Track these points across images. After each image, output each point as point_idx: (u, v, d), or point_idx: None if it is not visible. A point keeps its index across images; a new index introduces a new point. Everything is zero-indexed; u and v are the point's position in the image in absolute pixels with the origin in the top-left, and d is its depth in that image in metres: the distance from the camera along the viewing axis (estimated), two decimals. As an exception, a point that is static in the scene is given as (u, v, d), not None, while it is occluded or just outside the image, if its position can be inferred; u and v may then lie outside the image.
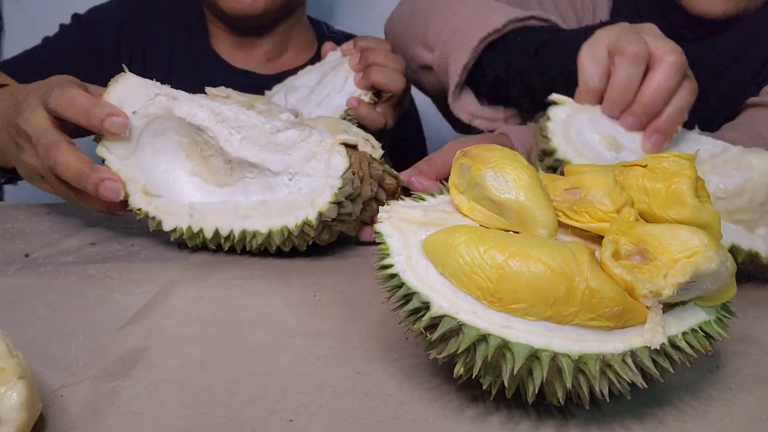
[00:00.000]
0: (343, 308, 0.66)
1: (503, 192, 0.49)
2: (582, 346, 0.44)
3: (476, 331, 0.44)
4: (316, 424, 0.49)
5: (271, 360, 0.57)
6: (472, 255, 0.46)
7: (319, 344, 0.60)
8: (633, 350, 0.45)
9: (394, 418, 0.50)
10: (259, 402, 0.52)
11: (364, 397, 0.52)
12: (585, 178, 0.51)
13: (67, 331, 0.62)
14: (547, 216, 0.49)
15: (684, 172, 0.51)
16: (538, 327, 0.45)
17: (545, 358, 0.44)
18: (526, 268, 0.45)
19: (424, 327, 0.47)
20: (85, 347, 0.59)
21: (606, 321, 0.45)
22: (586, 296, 0.44)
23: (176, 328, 0.62)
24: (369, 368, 0.56)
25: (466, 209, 0.52)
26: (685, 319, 0.48)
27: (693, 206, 0.50)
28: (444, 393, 0.52)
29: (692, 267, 0.45)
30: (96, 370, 0.55)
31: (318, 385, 0.54)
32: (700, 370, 0.55)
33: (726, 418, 0.50)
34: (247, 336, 0.61)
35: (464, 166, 0.52)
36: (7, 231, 0.88)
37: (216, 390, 0.53)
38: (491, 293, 0.45)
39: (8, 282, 0.72)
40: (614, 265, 0.46)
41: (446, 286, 0.47)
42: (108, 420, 0.49)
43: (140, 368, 0.56)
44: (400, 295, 0.47)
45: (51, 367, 0.56)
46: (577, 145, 0.74)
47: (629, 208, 0.50)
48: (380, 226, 0.51)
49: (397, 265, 0.48)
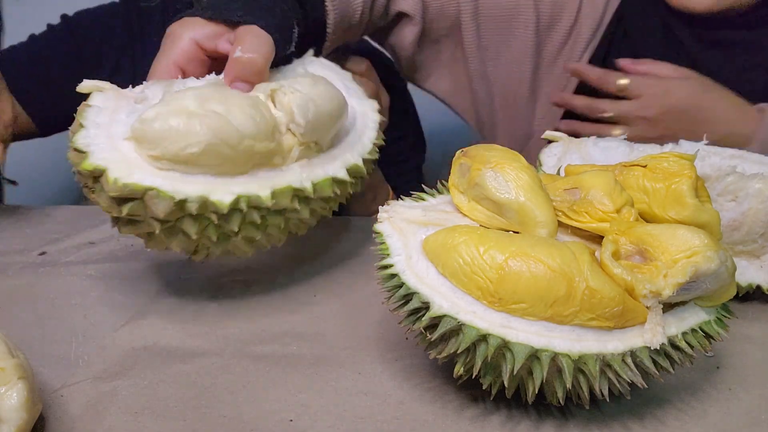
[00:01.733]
0: (343, 308, 0.66)
1: (503, 192, 0.49)
2: (582, 346, 0.44)
3: (476, 331, 0.44)
4: (316, 423, 0.49)
5: (271, 360, 0.57)
6: (472, 255, 0.46)
7: (319, 344, 0.60)
8: (633, 350, 0.45)
9: (394, 418, 0.50)
10: (260, 402, 0.52)
11: (364, 397, 0.52)
12: (585, 178, 0.51)
13: (67, 331, 0.62)
14: (547, 216, 0.49)
15: (684, 172, 0.51)
16: (538, 327, 0.45)
17: (545, 358, 0.44)
18: (526, 268, 0.45)
19: (424, 327, 0.47)
20: (85, 347, 0.59)
21: (606, 321, 0.45)
22: (586, 296, 0.44)
23: (176, 327, 0.62)
24: (369, 368, 0.56)
25: (466, 209, 0.52)
26: (685, 319, 0.48)
27: (693, 206, 0.50)
28: (444, 393, 0.52)
29: (692, 267, 0.45)
30: (96, 370, 0.55)
31: (318, 385, 0.54)
32: (700, 370, 0.55)
33: (726, 418, 0.50)
34: (247, 336, 0.61)
35: (464, 166, 0.52)
36: (7, 231, 0.88)
37: (216, 390, 0.53)
38: (491, 293, 0.45)
39: (8, 282, 0.72)
40: (614, 265, 0.46)
41: (446, 286, 0.47)
42: (108, 420, 0.49)
43: (140, 368, 0.56)
44: (400, 295, 0.47)
45: (51, 367, 0.56)
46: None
47: (629, 208, 0.50)
48: (380, 226, 0.51)
49: (397, 265, 0.48)
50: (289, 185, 0.61)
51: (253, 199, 0.58)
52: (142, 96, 0.63)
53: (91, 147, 0.58)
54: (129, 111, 0.62)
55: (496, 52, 1.08)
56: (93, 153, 0.57)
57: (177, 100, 0.58)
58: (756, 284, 0.65)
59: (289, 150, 0.63)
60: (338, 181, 0.65)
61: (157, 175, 0.57)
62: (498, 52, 1.08)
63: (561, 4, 1.06)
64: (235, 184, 0.58)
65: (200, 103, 0.58)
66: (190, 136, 0.56)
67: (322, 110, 0.63)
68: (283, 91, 0.63)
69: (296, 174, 0.62)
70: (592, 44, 1.07)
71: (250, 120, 0.59)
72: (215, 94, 0.60)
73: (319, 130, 0.64)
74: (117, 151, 0.58)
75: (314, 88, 0.64)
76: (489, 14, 1.06)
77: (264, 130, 0.59)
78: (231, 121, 0.57)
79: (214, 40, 0.71)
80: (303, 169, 0.63)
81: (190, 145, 0.56)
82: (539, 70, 1.09)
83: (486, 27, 1.06)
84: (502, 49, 1.08)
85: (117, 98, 0.63)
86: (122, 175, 0.56)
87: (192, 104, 0.57)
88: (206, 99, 0.58)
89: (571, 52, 1.07)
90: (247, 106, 0.59)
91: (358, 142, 0.70)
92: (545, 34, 1.07)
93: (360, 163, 0.67)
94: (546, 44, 1.07)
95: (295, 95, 0.62)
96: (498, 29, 1.06)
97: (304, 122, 0.61)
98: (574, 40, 1.07)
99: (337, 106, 0.66)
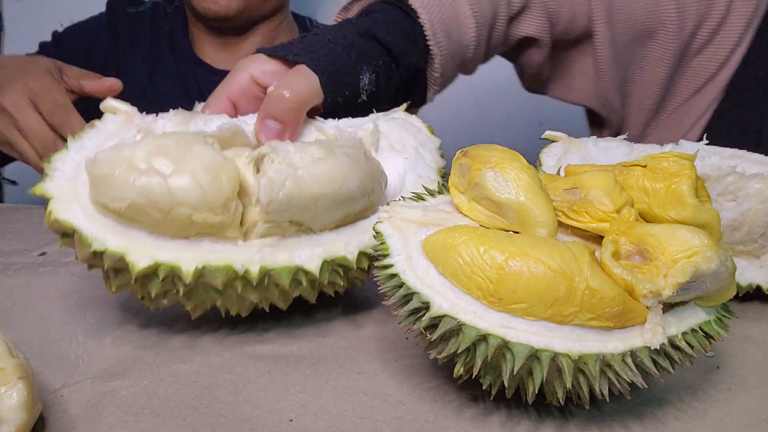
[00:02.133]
0: (343, 308, 0.66)
1: (503, 192, 0.49)
2: (582, 346, 0.44)
3: (476, 331, 0.44)
4: (316, 423, 0.49)
5: (271, 360, 0.57)
6: (472, 255, 0.46)
7: (319, 344, 0.60)
8: (633, 350, 0.45)
9: (394, 418, 0.50)
10: (260, 402, 0.52)
11: (364, 397, 0.52)
12: (585, 178, 0.51)
13: (67, 331, 0.62)
14: (548, 216, 0.49)
15: (684, 172, 0.51)
16: (538, 327, 0.45)
17: (545, 358, 0.44)
18: (527, 268, 0.45)
19: (424, 327, 0.47)
20: (85, 347, 0.59)
21: (606, 321, 0.45)
22: (586, 296, 0.44)
23: (176, 327, 0.62)
24: (369, 368, 0.56)
25: (466, 209, 0.52)
26: (685, 319, 0.48)
27: (693, 206, 0.50)
28: (444, 393, 0.52)
29: (692, 267, 0.45)
30: (96, 370, 0.55)
31: (318, 385, 0.54)
32: (700, 370, 0.55)
33: (726, 418, 0.50)
34: (247, 336, 0.61)
35: (464, 166, 0.52)
36: (7, 231, 0.88)
37: (216, 390, 0.53)
38: (491, 293, 0.45)
39: (8, 282, 0.72)
40: (614, 265, 0.46)
41: (446, 286, 0.47)
42: (108, 420, 0.49)
43: (140, 368, 0.56)
44: (400, 295, 0.47)
45: (51, 367, 0.56)
46: None
47: (629, 208, 0.50)
48: (380, 225, 0.51)
49: (397, 265, 0.48)
50: (227, 264, 0.54)
51: (175, 269, 0.53)
52: (148, 127, 0.61)
53: (56, 172, 0.57)
54: (120, 140, 0.60)
55: (631, 57, 1.03)
56: (52, 179, 0.57)
57: (130, 147, 0.54)
58: (756, 284, 0.65)
59: (253, 225, 0.57)
60: (306, 272, 0.57)
61: (93, 218, 0.55)
62: (632, 57, 1.03)
63: (708, 3, 0.99)
64: (165, 248, 0.54)
65: (149, 156, 0.53)
66: (119, 190, 0.53)
67: (306, 192, 0.55)
68: (270, 158, 0.56)
69: (246, 253, 0.56)
70: (746, 38, 1.00)
71: (195, 187, 0.53)
72: (176, 148, 0.54)
73: (297, 212, 0.56)
74: (73, 183, 0.56)
75: (313, 163, 0.56)
76: (625, 22, 0.99)
77: (212, 200, 0.53)
78: (169, 184, 0.52)
79: (272, 77, 0.68)
80: (262, 249, 0.56)
81: (117, 199, 0.53)
82: (679, 67, 1.04)
83: (622, 35, 1.00)
84: (638, 54, 1.02)
85: (123, 123, 0.61)
86: (59, 209, 0.55)
87: (139, 155, 0.53)
88: (159, 153, 0.54)
89: (718, 49, 1.02)
90: (202, 170, 0.53)
91: (369, 231, 0.60)
92: (690, 35, 1.01)
93: (351, 257, 0.58)
94: (691, 44, 1.01)
95: (273, 167, 0.55)
96: (635, 36, 1.01)
97: (267, 201, 0.55)
98: (722, 36, 1.01)
99: (336, 190, 0.57)
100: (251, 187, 0.57)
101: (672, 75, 1.04)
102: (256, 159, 0.58)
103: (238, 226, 0.57)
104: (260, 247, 0.56)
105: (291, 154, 0.56)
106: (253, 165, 0.58)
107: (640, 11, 0.99)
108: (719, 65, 1.02)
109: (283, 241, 0.57)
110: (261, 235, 0.57)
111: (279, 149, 0.57)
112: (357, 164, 0.58)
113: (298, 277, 0.57)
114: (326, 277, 0.58)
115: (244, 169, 0.57)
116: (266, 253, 0.56)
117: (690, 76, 1.05)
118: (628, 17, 1.00)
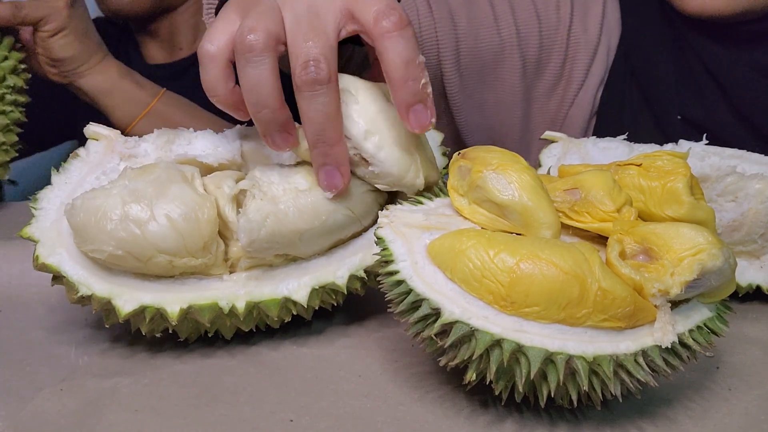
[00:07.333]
0: (344, 310, 0.65)
1: (506, 194, 0.48)
2: (596, 348, 0.44)
3: (490, 337, 0.44)
4: (316, 424, 0.48)
5: (271, 362, 0.56)
6: (482, 259, 0.45)
7: (319, 346, 0.59)
8: (645, 350, 0.45)
9: (395, 419, 0.49)
10: (260, 402, 0.51)
11: (364, 399, 0.51)
12: (584, 179, 0.51)
13: (68, 330, 0.61)
14: (551, 217, 0.48)
15: (678, 170, 0.52)
16: (552, 330, 0.44)
17: (560, 361, 0.44)
18: (539, 270, 0.44)
19: (435, 334, 0.46)
20: (86, 347, 0.58)
21: (618, 321, 0.45)
22: (598, 297, 0.44)
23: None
24: (369, 371, 0.55)
25: (467, 212, 0.51)
26: (691, 317, 0.48)
27: (689, 204, 0.50)
28: (445, 394, 0.52)
29: (699, 264, 0.45)
30: (96, 368, 0.55)
31: (319, 387, 0.53)
32: (700, 370, 0.55)
33: (726, 418, 0.50)
34: (248, 336, 0.60)
35: (463, 168, 0.51)
36: (7, 231, 0.85)
37: (217, 389, 0.52)
38: (503, 297, 0.44)
39: (8, 282, 0.70)
40: (622, 265, 0.46)
41: (456, 291, 0.46)
42: (108, 417, 0.49)
43: (141, 367, 0.55)
44: (409, 302, 0.46)
45: (51, 366, 0.55)
46: None
47: (629, 207, 0.50)
48: (382, 231, 0.49)
49: (404, 271, 0.47)
50: (212, 302, 0.54)
51: (161, 311, 0.53)
52: (131, 152, 0.59)
53: (41, 212, 0.56)
54: (103, 172, 0.58)
55: (482, 99, 1.03)
56: (38, 220, 0.56)
57: (103, 195, 0.53)
58: (756, 284, 0.65)
59: (237, 260, 0.56)
60: (294, 302, 0.56)
61: (78, 261, 0.55)
62: (484, 100, 1.03)
63: (548, 45, 1.01)
64: (150, 289, 0.54)
65: (123, 204, 0.52)
66: (97, 241, 0.52)
67: (290, 228, 0.54)
68: (252, 193, 0.54)
69: (230, 289, 0.55)
70: (589, 82, 1.02)
71: (172, 233, 0.52)
72: (152, 191, 0.53)
73: (281, 247, 0.55)
74: (57, 225, 0.56)
75: (296, 196, 0.54)
76: (470, 63, 1.00)
77: (190, 245, 0.53)
78: (145, 234, 0.52)
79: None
80: (247, 283, 0.55)
81: (95, 250, 0.53)
82: (530, 112, 1.05)
83: (470, 76, 1.01)
84: (489, 96, 1.03)
85: (105, 152, 0.59)
86: (44, 253, 0.54)
87: (112, 203, 0.52)
88: (133, 199, 0.53)
89: (565, 92, 1.04)
90: (179, 215, 0.52)
91: (361, 251, 0.58)
92: (534, 76, 1.02)
93: (341, 282, 0.56)
94: (536, 86, 1.03)
95: (253, 206, 0.53)
96: (482, 77, 1.01)
97: (247, 242, 0.53)
98: (566, 79, 1.03)
99: (321, 223, 0.55)
100: (232, 224, 0.56)
101: (524, 124, 1.05)
102: (236, 196, 0.56)
103: (223, 263, 0.56)
104: (245, 281, 0.56)
105: (274, 186, 0.55)
106: (234, 202, 0.56)
107: (486, 48, 1.00)
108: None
109: (269, 272, 0.57)
110: (246, 268, 0.56)
111: (262, 181, 0.55)
112: (345, 192, 0.56)
113: (288, 306, 0.56)
114: (317, 302, 0.57)
115: (225, 203, 0.56)
116: (252, 287, 0.55)
117: (545, 123, 1.05)
118: (475, 54, 1.00)
